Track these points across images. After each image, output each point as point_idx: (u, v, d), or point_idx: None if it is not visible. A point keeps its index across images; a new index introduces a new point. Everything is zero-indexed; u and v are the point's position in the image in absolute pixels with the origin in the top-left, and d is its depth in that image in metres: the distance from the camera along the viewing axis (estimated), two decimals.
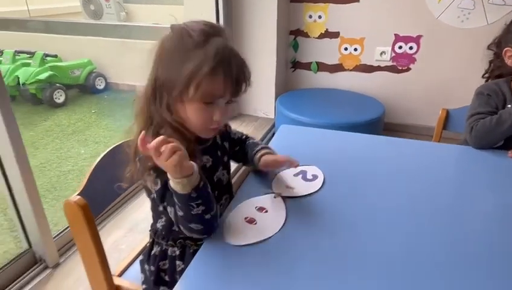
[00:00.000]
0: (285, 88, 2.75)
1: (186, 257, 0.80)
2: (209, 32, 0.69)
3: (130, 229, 1.51)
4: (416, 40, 2.40)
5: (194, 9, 2.50)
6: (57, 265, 1.31)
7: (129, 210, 1.63)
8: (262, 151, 0.91)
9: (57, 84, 3.56)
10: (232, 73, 0.69)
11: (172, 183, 0.65)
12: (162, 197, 0.71)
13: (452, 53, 2.35)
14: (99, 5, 5.03)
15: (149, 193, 0.78)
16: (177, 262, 0.81)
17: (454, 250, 0.70)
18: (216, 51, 0.67)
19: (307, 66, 2.71)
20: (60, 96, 3.55)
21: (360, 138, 1.20)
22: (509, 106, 1.09)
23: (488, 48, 1.20)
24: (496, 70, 1.19)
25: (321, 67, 2.68)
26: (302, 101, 2.43)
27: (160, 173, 0.69)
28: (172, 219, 0.72)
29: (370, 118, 2.13)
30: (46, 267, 1.30)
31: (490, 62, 1.21)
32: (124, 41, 4.07)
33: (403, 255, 0.69)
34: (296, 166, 0.88)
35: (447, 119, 1.38)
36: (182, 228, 0.70)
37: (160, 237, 0.83)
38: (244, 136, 1.00)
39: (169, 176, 0.65)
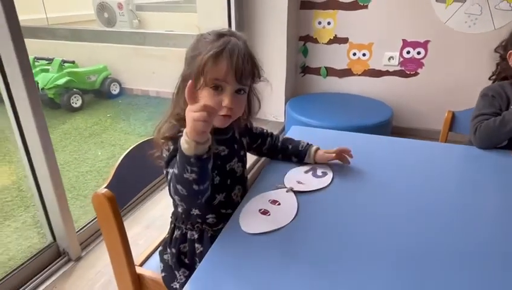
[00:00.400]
0: (295, 92, 2.81)
1: (204, 240, 0.87)
2: (224, 33, 0.79)
3: (147, 226, 1.58)
4: (424, 45, 2.45)
5: (207, 17, 2.59)
6: (79, 258, 1.39)
7: (146, 208, 1.71)
8: (314, 147, 1.04)
9: (74, 89, 3.70)
10: (234, 59, 0.76)
11: (182, 140, 0.68)
12: (169, 160, 0.77)
13: (460, 58, 2.39)
14: (112, 13, 5.18)
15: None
16: (196, 245, 0.88)
17: (460, 247, 0.73)
18: (223, 41, 0.76)
19: (316, 71, 2.78)
20: (77, 101, 3.67)
21: (368, 138, 1.25)
22: None
23: (495, 50, 1.24)
24: (502, 73, 1.23)
25: (330, 72, 2.74)
26: (311, 105, 2.49)
27: (174, 142, 0.76)
28: (168, 181, 0.76)
29: (378, 122, 2.18)
30: (69, 260, 1.38)
31: (497, 64, 1.25)
32: (137, 47, 4.20)
33: (410, 251, 0.71)
34: (347, 159, 1.02)
35: (453, 121, 1.43)
36: (171, 187, 0.74)
37: (180, 221, 0.90)
38: (265, 131, 1.07)
39: (184, 131, 0.68)
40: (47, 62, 3.82)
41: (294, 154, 1.04)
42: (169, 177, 0.77)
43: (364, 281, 0.64)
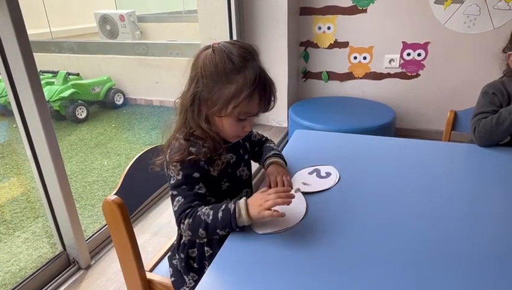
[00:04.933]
0: (297, 97, 2.83)
1: (213, 243, 0.88)
2: (247, 57, 0.79)
3: (155, 233, 1.60)
4: (424, 46, 2.47)
5: (209, 26, 2.63)
6: (88, 266, 1.41)
7: (153, 216, 1.73)
8: (271, 160, 1.00)
9: (79, 101, 3.75)
10: (266, 96, 0.81)
11: (238, 210, 0.75)
12: (178, 186, 0.80)
13: (460, 58, 2.40)
14: (114, 25, 5.26)
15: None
16: (206, 248, 0.89)
17: (468, 246, 0.74)
18: (254, 77, 0.77)
19: (318, 76, 2.80)
20: (82, 112, 3.72)
21: (372, 139, 1.26)
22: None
23: (503, 51, 1.22)
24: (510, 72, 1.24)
25: (332, 76, 2.76)
26: (314, 109, 2.51)
27: (183, 167, 0.80)
28: (175, 207, 0.80)
29: (381, 124, 2.19)
30: (79, 269, 1.40)
31: (507, 65, 1.22)
32: (140, 58, 4.26)
33: (416, 250, 0.72)
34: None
35: (455, 120, 1.44)
36: (185, 222, 0.77)
37: None
38: (263, 138, 1.09)
39: (243, 206, 0.75)
40: (52, 75, 3.88)
41: (262, 162, 1.03)
42: (177, 204, 0.80)
43: (373, 280, 0.65)
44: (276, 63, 2.57)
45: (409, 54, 2.52)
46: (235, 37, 2.52)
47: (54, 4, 5.45)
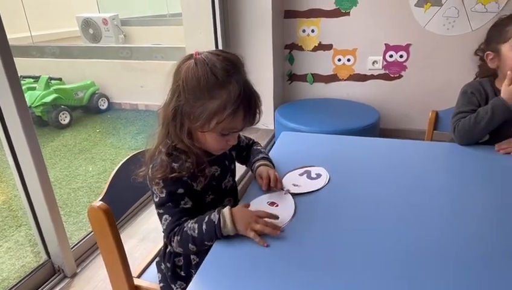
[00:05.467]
0: (283, 100, 2.85)
1: (200, 251, 0.88)
2: (231, 70, 0.76)
3: (142, 239, 1.58)
4: (406, 48, 2.52)
5: (194, 30, 2.62)
6: (74, 274, 1.38)
7: (140, 221, 1.71)
8: (261, 162, 0.99)
9: (62, 106, 3.68)
10: (251, 111, 0.79)
11: (224, 221, 0.75)
12: (163, 204, 0.80)
13: (440, 59, 2.46)
14: (97, 28, 5.19)
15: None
16: (192, 256, 0.88)
17: (452, 243, 0.75)
18: (239, 92, 0.75)
19: (303, 78, 2.82)
20: (65, 118, 3.65)
21: (358, 140, 1.29)
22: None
23: (475, 53, 1.28)
24: (484, 73, 1.28)
25: (316, 78, 2.79)
26: (300, 111, 2.53)
27: (166, 185, 0.79)
28: (163, 225, 0.80)
29: (366, 124, 2.22)
30: (64, 277, 1.37)
31: (479, 66, 1.29)
32: (124, 62, 4.21)
33: (403, 247, 0.74)
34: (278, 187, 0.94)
35: (437, 120, 1.47)
36: (175, 239, 0.77)
37: None
38: (251, 142, 1.09)
39: (229, 217, 0.75)
40: (33, 80, 3.80)
41: (250, 166, 1.03)
42: (165, 223, 0.79)
43: (361, 280, 0.66)
44: (262, 66, 2.58)
45: (391, 56, 2.57)
46: (220, 41, 2.53)
47: (34, 8, 5.34)
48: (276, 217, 0.79)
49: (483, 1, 2.27)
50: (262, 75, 2.59)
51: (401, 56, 2.55)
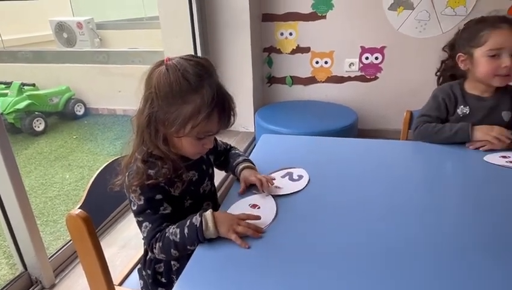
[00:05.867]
0: (263, 102, 2.87)
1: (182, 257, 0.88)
2: (203, 74, 0.76)
3: (123, 246, 1.56)
4: (381, 50, 2.59)
5: (171, 33, 2.61)
6: (53, 285, 1.35)
7: (120, 228, 1.68)
8: (244, 165, 1.00)
9: (36, 113, 3.57)
10: (225, 114, 0.79)
11: (206, 224, 0.75)
12: (142, 212, 0.79)
13: (413, 60, 2.54)
14: (72, 32, 5.07)
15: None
16: (172, 262, 0.88)
17: (431, 240, 0.77)
18: (212, 96, 0.75)
19: (282, 81, 2.85)
20: (39, 125, 3.55)
21: (336, 141, 1.32)
22: (461, 122, 1.21)
23: (443, 49, 1.33)
24: (448, 70, 1.33)
25: (295, 80, 2.83)
26: (279, 113, 2.56)
27: (144, 191, 0.78)
28: (144, 233, 0.80)
29: (344, 125, 2.27)
30: (42, 288, 1.33)
31: (442, 62, 1.34)
32: (101, 66, 4.13)
33: (384, 245, 0.75)
34: (266, 187, 0.94)
35: (412, 120, 1.52)
36: (157, 246, 0.77)
37: None
38: (228, 146, 1.09)
39: (211, 219, 0.75)
40: (5, 86, 3.68)
41: (231, 170, 1.03)
42: (145, 231, 0.79)
43: (342, 279, 0.67)
44: (241, 69, 2.59)
45: (367, 58, 2.63)
46: (198, 44, 2.52)
47: (4, 11, 5.17)
48: (258, 218, 0.80)
49: (452, 5, 2.37)
50: (241, 78, 2.60)
51: (376, 58, 2.61)
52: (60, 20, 5.03)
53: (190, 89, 0.75)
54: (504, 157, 1.09)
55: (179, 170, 0.82)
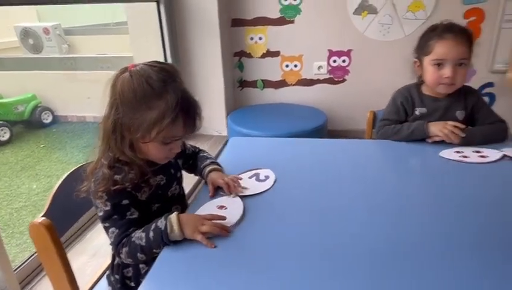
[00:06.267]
0: (235, 106, 2.89)
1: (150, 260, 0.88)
2: (167, 80, 0.78)
3: (94, 255, 1.53)
4: (348, 53, 2.67)
5: (140, 38, 2.59)
6: None
7: (90, 236, 1.65)
8: (211, 167, 1.01)
9: (1, 122, 3.44)
10: (191, 118, 0.80)
11: (170, 226, 0.75)
12: (108, 217, 0.79)
13: (379, 62, 2.64)
14: (38, 38, 4.91)
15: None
16: (140, 266, 0.88)
17: (398, 237, 0.78)
18: (176, 101, 0.76)
19: (253, 84, 2.89)
20: (4, 134, 3.42)
21: (303, 141, 1.35)
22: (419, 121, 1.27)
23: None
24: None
25: (266, 84, 2.87)
26: (251, 116, 2.58)
27: (110, 197, 0.79)
28: (111, 239, 0.80)
29: (314, 127, 2.32)
30: None
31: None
32: (69, 73, 4.03)
33: (346, 245, 0.75)
34: (233, 189, 0.94)
35: (375, 119, 1.58)
36: (123, 251, 0.77)
37: None
38: (197, 150, 1.10)
39: (175, 221, 0.76)
40: None
41: (199, 172, 1.04)
42: (112, 236, 0.79)
43: (309, 278, 0.68)
44: (212, 74, 2.61)
45: (335, 61, 2.71)
46: (168, 49, 2.52)
47: None
48: (223, 218, 0.81)
49: (412, 9, 2.48)
50: (212, 83, 2.61)
51: (343, 61, 2.70)
52: (25, 26, 4.86)
53: (154, 94, 0.76)
54: (458, 152, 1.16)
55: (146, 175, 0.83)
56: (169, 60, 2.54)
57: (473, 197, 0.93)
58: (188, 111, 0.79)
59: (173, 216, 0.77)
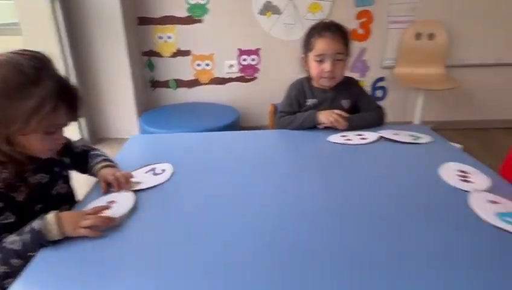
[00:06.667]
0: (147, 107, 2.81)
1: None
2: (40, 67, 0.74)
3: None
4: (256, 52, 2.78)
5: (35, 40, 2.39)
6: None
7: None
8: (102, 164, 0.98)
9: None
10: (73, 104, 0.78)
11: (46, 226, 0.71)
12: None
13: (285, 60, 2.78)
14: None
15: None
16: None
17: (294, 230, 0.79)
18: (56, 88, 0.73)
19: (166, 84, 2.84)
20: None
21: (203, 136, 1.38)
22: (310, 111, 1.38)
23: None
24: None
25: (179, 83, 2.85)
26: (164, 116, 2.54)
27: None
28: None
29: (226, 123, 2.37)
30: None
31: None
32: None
33: (244, 239, 0.75)
34: (123, 184, 0.92)
35: (277, 111, 1.67)
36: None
37: None
38: (90, 149, 1.06)
39: (54, 220, 0.72)
40: None
41: (90, 171, 1.00)
42: None
43: (202, 269, 0.67)
44: (119, 74, 2.51)
45: (245, 60, 2.79)
46: (68, 50, 2.36)
47: None
48: (105, 209, 0.79)
49: (312, 10, 2.67)
50: (121, 83, 2.51)
51: (253, 60, 2.79)
52: None
53: (28, 82, 0.72)
54: (343, 136, 1.29)
55: (23, 174, 0.78)
56: (70, 61, 2.39)
57: (356, 172, 1.05)
58: (69, 97, 0.77)
59: (50, 216, 0.73)
